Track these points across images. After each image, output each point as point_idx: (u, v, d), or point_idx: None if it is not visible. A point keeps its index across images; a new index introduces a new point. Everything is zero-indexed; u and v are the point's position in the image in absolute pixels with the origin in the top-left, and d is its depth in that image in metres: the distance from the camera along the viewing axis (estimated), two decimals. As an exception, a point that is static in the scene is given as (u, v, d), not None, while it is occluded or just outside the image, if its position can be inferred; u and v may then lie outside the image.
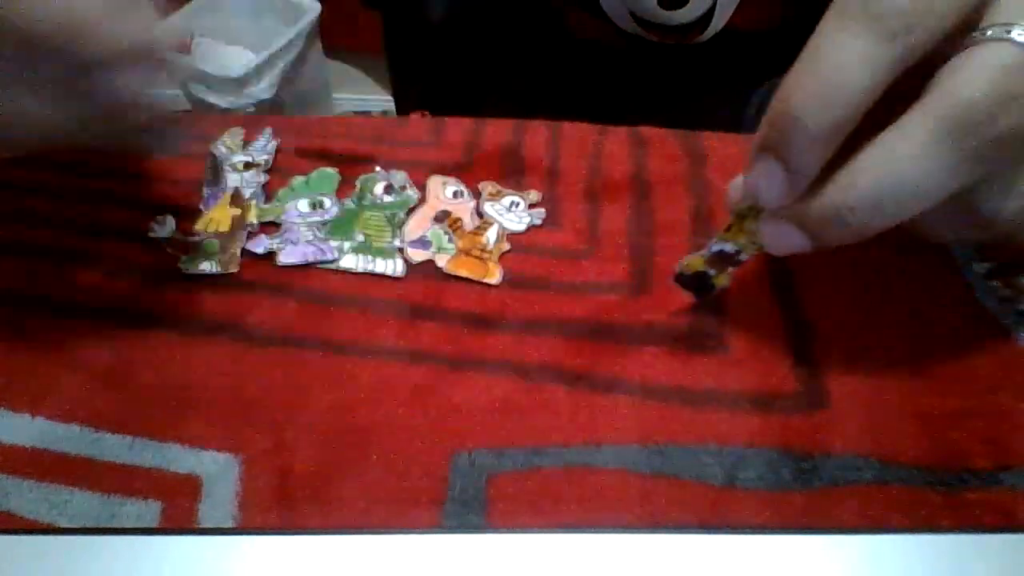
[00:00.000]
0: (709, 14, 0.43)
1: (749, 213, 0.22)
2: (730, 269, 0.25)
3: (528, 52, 0.52)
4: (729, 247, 0.24)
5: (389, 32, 0.61)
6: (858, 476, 0.21)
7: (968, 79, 0.18)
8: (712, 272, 0.25)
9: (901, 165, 0.18)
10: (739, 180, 0.22)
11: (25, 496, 0.20)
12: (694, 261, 0.25)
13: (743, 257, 0.24)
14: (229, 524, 0.20)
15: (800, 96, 0.19)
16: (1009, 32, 0.18)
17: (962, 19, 0.19)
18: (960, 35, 0.19)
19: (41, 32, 0.20)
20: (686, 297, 0.26)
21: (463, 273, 0.27)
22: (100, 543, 0.19)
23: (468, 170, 0.32)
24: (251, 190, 0.30)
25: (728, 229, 0.23)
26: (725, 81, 0.49)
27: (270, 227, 0.29)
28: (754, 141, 0.21)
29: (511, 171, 0.32)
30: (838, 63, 0.18)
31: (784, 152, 0.19)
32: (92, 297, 0.24)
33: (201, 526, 0.20)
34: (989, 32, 0.18)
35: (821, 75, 0.18)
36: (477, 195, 0.31)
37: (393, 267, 0.28)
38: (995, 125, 0.18)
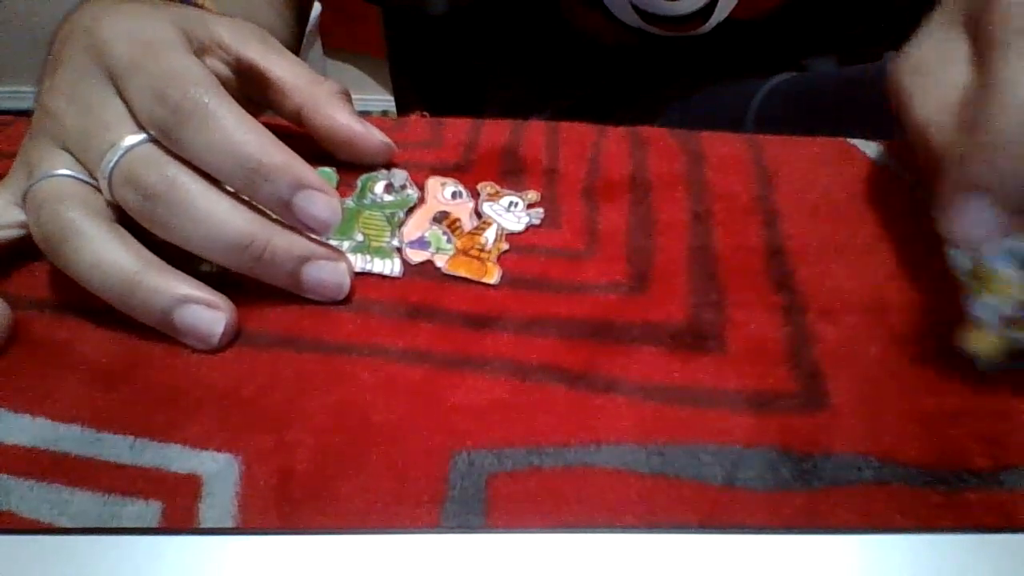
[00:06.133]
0: (712, 3, 0.43)
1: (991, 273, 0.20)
2: None
3: (529, 48, 0.52)
4: (1008, 310, 0.21)
5: (389, 27, 0.61)
6: (858, 476, 0.21)
7: None
8: (1020, 337, 0.22)
9: None
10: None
11: (25, 496, 0.20)
12: (985, 343, 0.22)
13: None
14: (229, 524, 0.20)
15: (1004, 124, 0.19)
16: None
17: None
18: None
19: None
20: (684, 296, 0.26)
21: (462, 273, 0.27)
22: (100, 543, 0.19)
23: (467, 170, 0.32)
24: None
25: (973, 291, 0.21)
26: (727, 76, 0.49)
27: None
28: (948, 186, 0.20)
29: (510, 171, 0.32)
30: None
31: (998, 185, 0.19)
32: (92, 297, 0.24)
33: (201, 526, 0.20)
34: None
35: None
36: (476, 195, 0.31)
37: (391, 267, 0.28)
38: None
